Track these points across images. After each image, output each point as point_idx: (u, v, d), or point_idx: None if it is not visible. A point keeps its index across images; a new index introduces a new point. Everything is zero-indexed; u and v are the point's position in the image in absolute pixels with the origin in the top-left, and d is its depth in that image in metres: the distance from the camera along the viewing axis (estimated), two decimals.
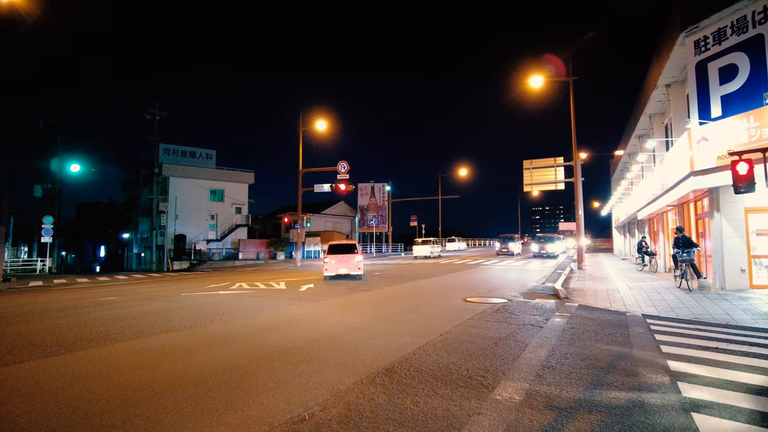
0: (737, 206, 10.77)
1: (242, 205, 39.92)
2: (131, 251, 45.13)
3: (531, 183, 23.05)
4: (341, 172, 27.69)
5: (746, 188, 7.90)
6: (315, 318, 8.17)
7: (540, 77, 19.01)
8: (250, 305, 9.89)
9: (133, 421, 3.47)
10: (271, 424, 3.38)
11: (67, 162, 22.81)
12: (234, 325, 7.52)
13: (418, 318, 8.03)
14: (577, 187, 19.95)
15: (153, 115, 30.54)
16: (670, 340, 6.06)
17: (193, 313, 8.90)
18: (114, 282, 18.46)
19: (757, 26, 9.88)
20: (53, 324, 7.88)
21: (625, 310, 8.70)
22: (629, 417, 3.45)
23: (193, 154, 38.63)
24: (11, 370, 5.01)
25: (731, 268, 10.70)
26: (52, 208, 31.55)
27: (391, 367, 4.87)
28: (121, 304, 10.46)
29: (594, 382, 4.30)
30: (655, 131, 18.99)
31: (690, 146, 10.68)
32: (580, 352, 5.48)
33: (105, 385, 4.38)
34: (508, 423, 3.36)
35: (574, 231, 27.81)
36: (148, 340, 6.48)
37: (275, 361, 5.18)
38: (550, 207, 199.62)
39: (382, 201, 49.81)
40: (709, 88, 10.92)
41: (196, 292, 13.04)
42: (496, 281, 14.88)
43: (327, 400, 3.88)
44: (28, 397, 4.07)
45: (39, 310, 9.73)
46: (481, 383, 4.28)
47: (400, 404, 3.76)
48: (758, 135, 9.19)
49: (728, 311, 8.21)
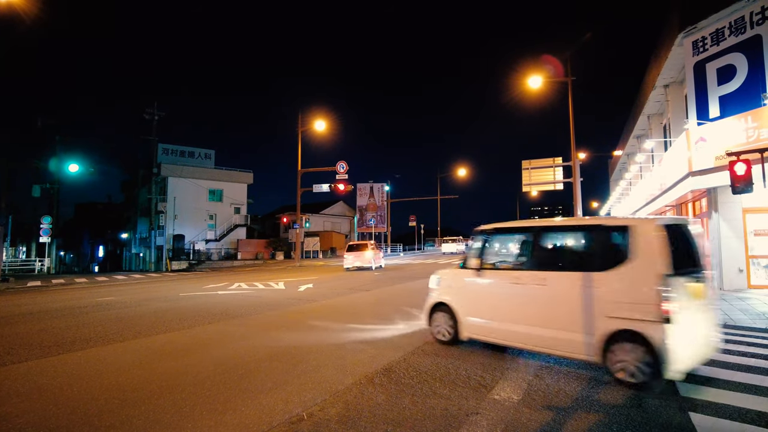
0: (735, 207, 10.79)
1: (241, 205, 39.89)
2: (130, 251, 45.08)
3: (530, 183, 23.04)
4: (340, 172, 27.68)
5: (744, 188, 7.92)
6: (314, 318, 8.17)
7: (539, 78, 19.02)
8: (249, 305, 9.88)
9: (132, 421, 3.47)
10: (270, 424, 3.39)
11: (65, 162, 22.82)
12: (232, 325, 7.52)
13: (417, 318, 8.02)
14: (575, 188, 19.98)
15: (152, 115, 30.51)
16: None
17: (191, 313, 8.90)
18: (112, 282, 18.44)
19: (755, 27, 9.91)
20: (52, 324, 7.87)
21: None
22: (627, 416, 3.46)
23: (192, 154, 38.59)
24: (9, 370, 5.00)
25: (729, 268, 10.73)
26: (51, 208, 31.52)
27: (389, 367, 4.87)
28: (120, 305, 10.45)
29: (592, 382, 4.31)
30: (654, 131, 19.04)
31: (688, 146, 10.70)
32: None
33: (103, 385, 4.38)
34: (507, 422, 3.37)
35: None
36: (147, 340, 6.48)
37: (273, 361, 5.18)
38: (548, 207, 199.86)
39: (380, 201, 49.83)
40: (708, 89, 10.95)
41: (195, 292, 13.04)
42: None
43: (326, 399, 3.88)
44: (27, 397, 4.07)
45: (37, 311, 9.72)
46: (479, 383, 4.29)
47: (399, 404, 3.77)
48: (756, 135, 9.21)
49: (726, 311, 8.22)
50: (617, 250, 4.45)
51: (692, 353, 4.17)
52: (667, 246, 4.14)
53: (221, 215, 38.23)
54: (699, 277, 4.48)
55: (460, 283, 5.87)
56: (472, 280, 5.65)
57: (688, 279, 4.28)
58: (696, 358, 4.27)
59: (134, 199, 43.48)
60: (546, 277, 4.88)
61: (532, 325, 4.88)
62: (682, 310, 4.05)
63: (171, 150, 37.22)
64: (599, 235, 4.76)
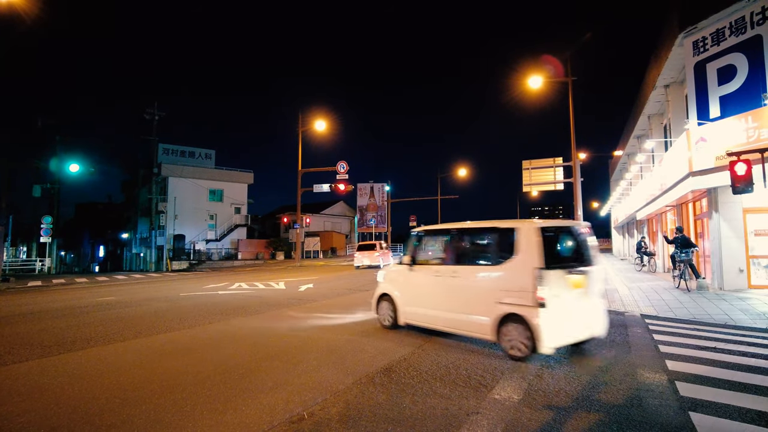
0: (735, 207, 10.79)
1: (241, 205, 39.89)
2: (130, 251, 45.07)
3: (530, 183, 23.02)
4: (340, 172, 27.67)
5: (744, 189, 7.92)
6: (314, 318, 8.18)
7: (539, 78, 19.01)
8: (249, 305, 9.89)
9: (133, 421, 3.48)
10: (271, 423, 3.39)
11: (65, 162, 22.81)
12: (233, 325, 7.53)
13: None
14: (576, 188, 19.97)
15: (152, 115, 30.52)
16: (669, 340, 6.08)
17: (192, 313, 8.91)
18: (113, 282, 18.45)
19: (755, 27, 9.91)
20: (52, 324, 7.88)
21: (624, 310, 8.72)
22: (627, 416, 3.46)
23: (192, 154, 38.59)
24: (10, 369, 5.01)
25: (729, 268, 10.73)
26: (51, 208, 31.54)
27: (389, 366, 4.88)
28: (120, 305, 10.46)
29: (592, 382, 4.32)
30: (654, 132, 19.03)
31: (688, 147, 10.70)
32: (579, 351, 5.50)
33: (104, 385, 4.38)
34: (507, 422, 3.37)
35: None
36: (147, 339, 6.49)
37: (274, 360, 5.19)
38: (549, 207, 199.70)
39: (381, 201, 49.82)
40: (708, 89, 10.94)
41: (195, 292, 13.05)
42: None
43: (326, 399, 3.89)
44: (28, 397, 4.07)
45: (38, 310, 9.73)
46: (479, 383, 4.29)
47: (399, 403, 3.77)
48: (756, 135, 9.21)
49: (726, 311, 8.23)
50: (507, 248, 5.31)
51: (564, 333, 5.03)
52: (541, 244, 4.97)
53: (222, 215, 38.23)
54: (580, 271, 5.26)
55: (398, 276, 6.91)
56: (407, 274, 6.66)
57: (568, 272, 5.12)
58: (569, 338, 5.12)
59: (134, 199, 43.48)
60: (457, 270, 5.88)
61: (450, 311, 5.87)
62: (556, 297, 4.91)
63: (171, 150, 37.21)
64: (494, 236, 5.67)
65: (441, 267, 6.14)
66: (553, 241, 5.33)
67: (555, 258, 5.14)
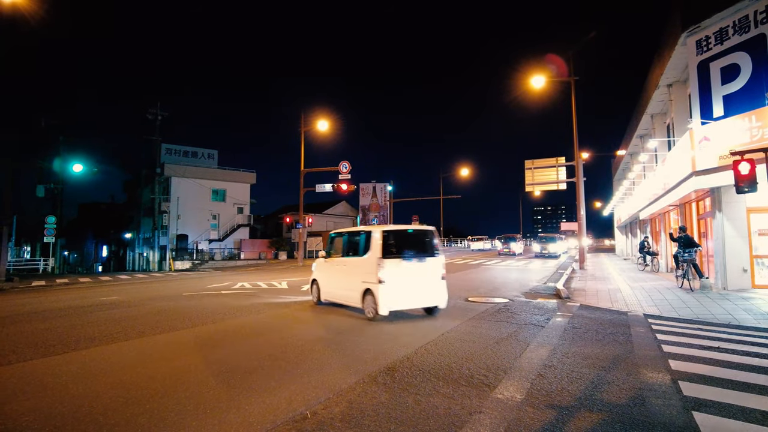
0: (739, 206, 10.75)
1: (244, 205, 39.95)
2: (133, 251, 45.19)
3: (533, 183, 23.01)
4: (343, 172, 27.65)
5: (748, 188, 7.89)
6: (317, 318, 8.19)
7: (542, 77, 19.00)
8: (252, 305, 9.91)
9: (136, 420, 3.49)
10: (273, 422, 3.40)
11: (69, 162, 22.93)
12: (235, 325, 7.54)
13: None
14: (578, 187, 19.94)
15: (155, 115, 30.64)
16: (672, 340, 6.06)
17: (194, 312, 8.93)
18: (116, 282, 18.51)
19: (759, 26, 9.87)
20: (56, 323, 7.92)
21: (627, 310, 8.70)
22: (630, 416, 3.46)
23: (195, 154, 38.66)
24: (15, 368, 5.03)
25: (733, 268, 10.69)
26: (55, 207, 31.65)
27: (392, 366, 4.88)
28: (123, 304, 10.49)
29: (595, 381, 4.31)
30: (657, 131, 18.96)
31: (692, 146, 10.67)
32: (582, 351, 5.49)
33: (108, 384, 4.40)
34: (509, 422, 3.37)
35: (575, 231, 27.76)
36: (151, 339, 6.51)
37: (277, 360, 5.20)
38: (551, 207, 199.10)
39: (383, 201, 49.81)
40: (711, 88, 10.90)
41: (198, 291, 13.08)
42: (498, 281, 14.88)
43: (329, 398, 3.89)
44: (32, 396, 4.09)
45: (42, 310, 9.77)
46: (482, 382, 4.29)
47: (402, 402, 3.77)
48: (760, 135, 9.17)
49: (730, 311, 8.20)
50: (367, 245, 7.77)
51: (398, 302, 7.48)
52: (382, 242, 7.47)
53: (224, 215, 38.29)
54: (414, 259, 7.71)
55: (320, 266, 9.67)
56: (324, 264, 9.49)
57: (400, 260, 7.56)
58: (402, 305, 7.63)
59: (137, 199, 43.57)
60: (347, 261, 8.57)
61: (343, 289, 8.53)
62: (392, 276, 7.37)
63: (174, 150, 37.28)
64: (364, 236, 8.00)
65: (340, 258, 8.84)
66: (397, 240, 7.72)
67: (394, 251, 7.54)
